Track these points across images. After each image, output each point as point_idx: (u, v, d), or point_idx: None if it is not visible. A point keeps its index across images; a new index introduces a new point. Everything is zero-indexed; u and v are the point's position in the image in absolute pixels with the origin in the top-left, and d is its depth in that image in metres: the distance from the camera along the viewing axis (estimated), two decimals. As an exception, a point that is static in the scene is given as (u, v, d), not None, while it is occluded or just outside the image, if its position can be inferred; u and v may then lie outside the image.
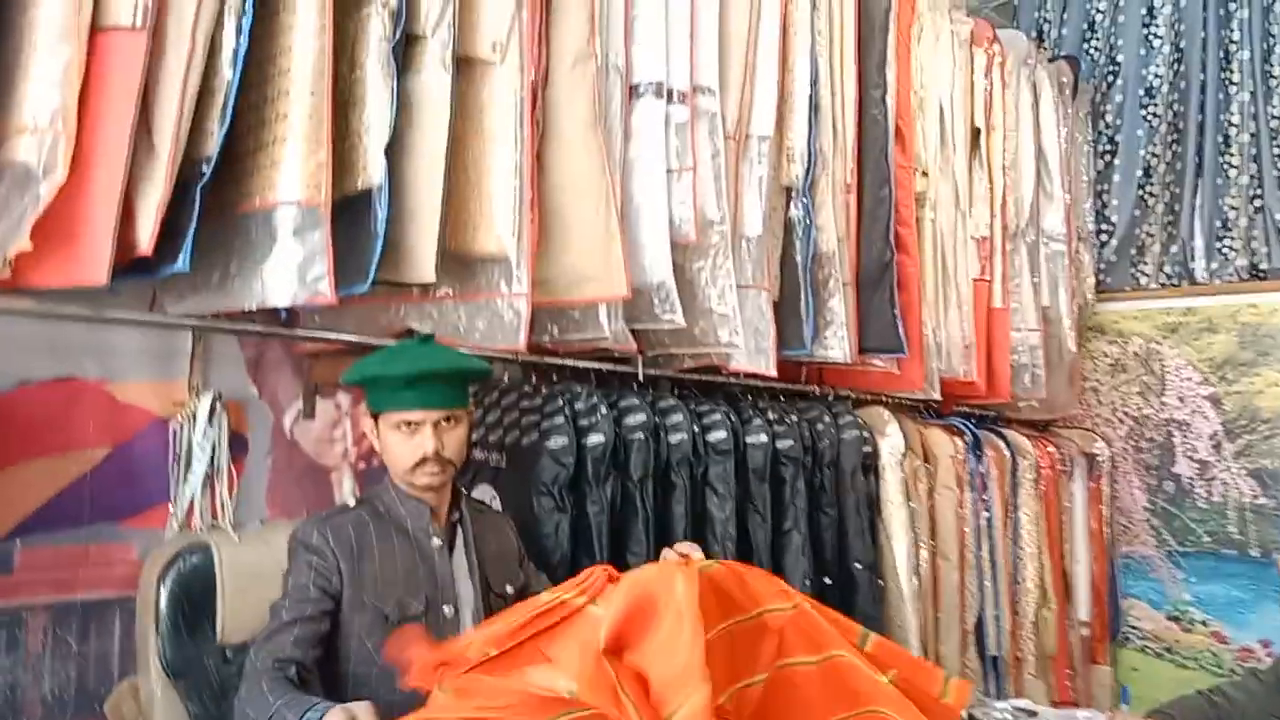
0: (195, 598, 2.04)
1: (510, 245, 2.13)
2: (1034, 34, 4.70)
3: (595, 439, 2.29)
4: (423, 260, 2.00)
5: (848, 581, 2.92)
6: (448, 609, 1.83)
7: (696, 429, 2.55)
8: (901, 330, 3.09)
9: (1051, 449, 3.94)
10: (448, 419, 1.85)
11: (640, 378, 2.71)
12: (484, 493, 2.39)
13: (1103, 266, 4.43)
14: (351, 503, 1.93)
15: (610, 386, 2.60)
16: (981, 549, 3.45)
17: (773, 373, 2.75)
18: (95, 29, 1.59)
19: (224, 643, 2.04)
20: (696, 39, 2.58)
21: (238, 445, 2.32)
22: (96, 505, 2.12)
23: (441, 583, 1.84)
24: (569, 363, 2.59)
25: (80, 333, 2.10)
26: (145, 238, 1.63)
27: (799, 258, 2.87)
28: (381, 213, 1.91)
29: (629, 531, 2.34)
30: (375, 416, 1.89)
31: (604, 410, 2.32)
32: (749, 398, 2.98)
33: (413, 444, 1.83)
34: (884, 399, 3.42)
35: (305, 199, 1.81)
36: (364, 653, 1.78)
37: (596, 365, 2.63)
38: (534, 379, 2.51)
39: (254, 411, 2.38)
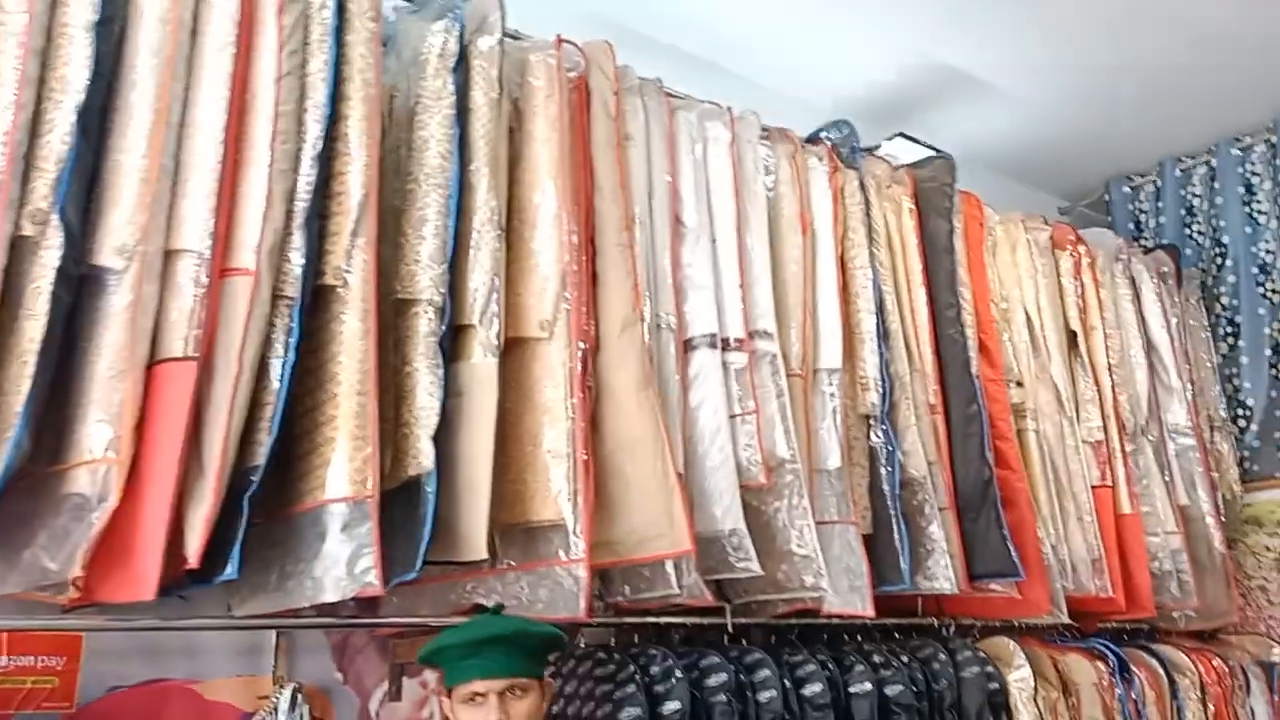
0: None
1: (566, 510, 2.14)
2: (1131, 226, 4.61)
3: (671, 706, 2.20)
4: (474, 537, 2.03)
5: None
6: None
7: (789, 683, 2.41)
8: (1014, 551, 2.91)
9: (1217, 661, 3.55)
10: (513, 689, 1.82)
11: (730, 629, 2.62)
12: (571, 768, 2.30)
13: (1246, 454, 4.11)
14: None
15: (698, 643, 2.51)
16: (1144, 782, 3.08)
17: (869, 613, 2.61)
18: (151, 362, 1.74)
19: None
20: (749, 287, 2.64)
21: (324, 734, 2.34)
22: (184, 804, 2.14)
23: None
24: (653, 620, 2.53)
25: (169, 637, 2.19)
26: (193, 551, 1.71)
27: (886, 486, 2.78)
28: (430, 498, 1.96)
29: (718, 803, 2.20)
30: (449, 692, 1.87)
31: (679, 674, 2.23)
32: (856, 639, 2.82)
33: (480, 715, 1.80)
34: (1014, 626, 3.18)
35: (353, 494, 1.88)
36: None
37: (682, 620, 2.56)
38: (613, 642, 2.46)
39: (339, 698, 2.40)
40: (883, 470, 2.79)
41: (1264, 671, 3.77)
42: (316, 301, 2.01)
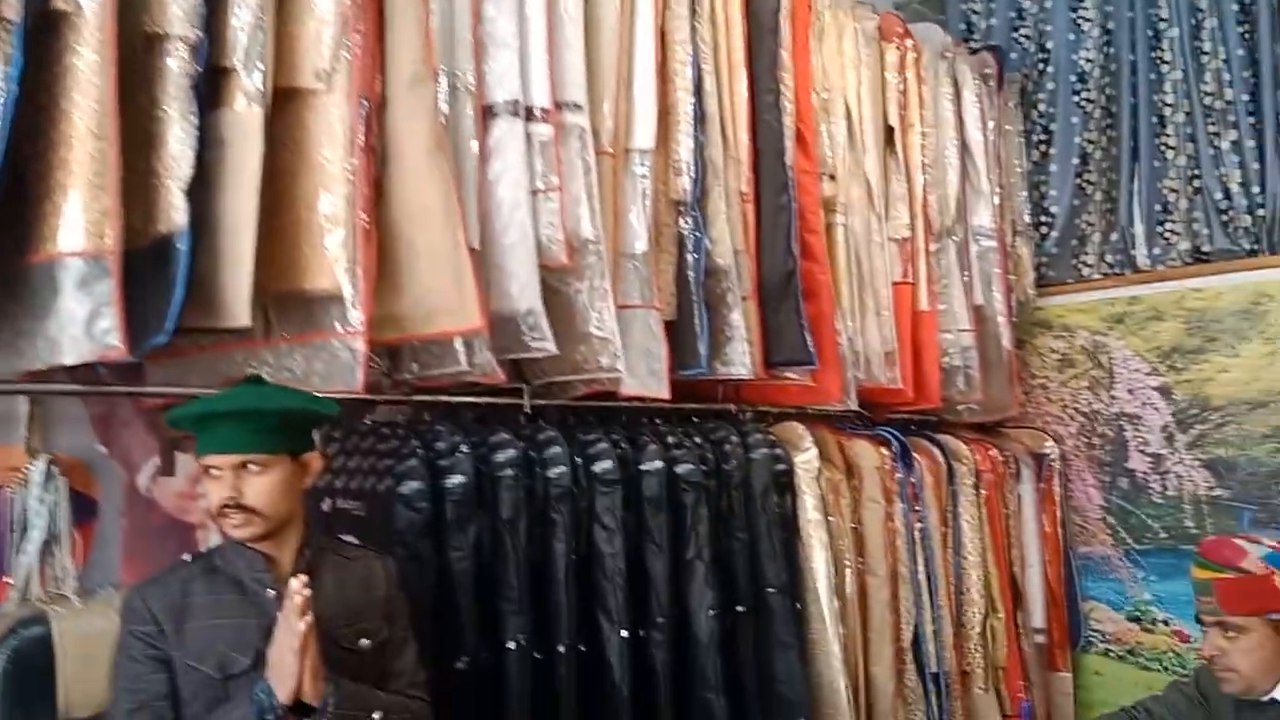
0: (32, 672, 1.93)
1: (344, 280, 2.01)
2: (962, 26, 4.57)
3: (455, 480, 2.17)
4: (236, 303, 1.89)
5: (762, 608, 2.78)
6: None
7: (579, 460, 2.42)
8: (810, 341, 2.96)
9: (994, 451, 3.79)
10: (247, 464, 1.73)
11: (527, 410, 2.59)
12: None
13: (1044, 260, 4.27)
14: (188, 558, 1.82)
15: (494, 424, 2.48)
16: (916, 561, 3.31)
17: (665, 395, 2.63)
18: None
19: (68, 718, 1.94)
20: (557, 55, 2.46)
21: (85, 508, 2.22)
22: (-76, 578, 2.00)
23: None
24: (446, 399, 2.47)
25: None
26: (-105, 300, 1.52)
27: (691, 273, 2.75)
28: (183, 256, 1.79)
29: (500, 578, 2.21)
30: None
31: (464, 449, 2.19)
32: (654, 423, 2.85)
33: (215, 489, 1.74)
34: (807, 413, 3.28)
35: (89, 248, 1.71)
36: (193, 712, 1.68)
37: (476, 399, 2.51)
38: (402, 420, 2.40)
39: (103, 472, 2.27)
40: (689, 257, 2.75)
41: (1035, 462, 4.08)
42: (46, 30, 1.75)
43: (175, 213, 1.81)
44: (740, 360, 2.83)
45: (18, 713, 1.93)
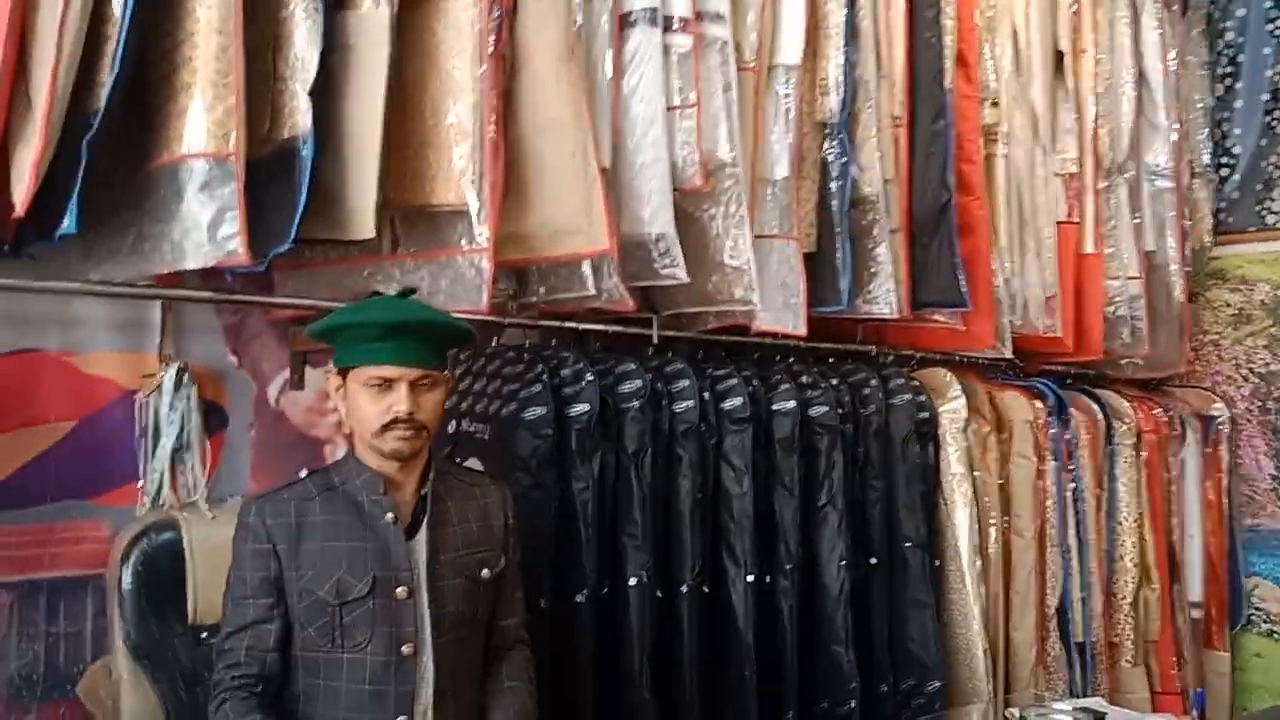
0: (163, 578, 1.94)
1: (470, 195, 1.92)
2: (1143, -55, 4.17)
3: (580, 408, 2.07)
4: (362, 214, 1.81)
5: (897, 563, 2.62)
6: (401, 590, 1.64)
7: (708, 396, 2.30)
8: (963, 281, 2.75)
9: (1157, 411, 3.51)
10: (425, 380, 1.66)
11: (655, 340, 2.48)
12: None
13: (1223, 205, 3.91)
14: (304, 474, 1.76)
15: (620, 353, 2.37)
16: (1067, 524, 3.09)
17: (801, 332, 2.47)
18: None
19: (196, 624, 1.95)
20: (700, -42, 2.30)
21: (216, 418, 2.21)
22: (62, 481, 2.02)
23: (395, 562, 1.65)
24: (574, 325, 2.37)
25: (39, 305, 1.99)
26: (20, 198, 1.49)
27: (835, 202, 2.57)
28: (306, 162, 1.72)
29: (623, 511, 2.12)
30: (344, 373, 1.69)
31: (590, 376, 2.09)
32: (788, 361, 2.70)
33: (384, 403, 1.64)
34: (954, 360, 3.07)
35: (213, 149, 1.65)
36: (308, 640, 1.64)
37: (604, 327, 2.40)
38: (528, 344, 2.31)
39: (233, 383, 2.26)
40: (833, 185, 2.57)
41: (1201, 424, 3.76)
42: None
43: (300, 116, 1.74)
44: (885, 298, 2.64)
45: (149, 615, 1.93)
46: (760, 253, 2.44)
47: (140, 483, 2.08)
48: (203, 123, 1.64)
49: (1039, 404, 3.08)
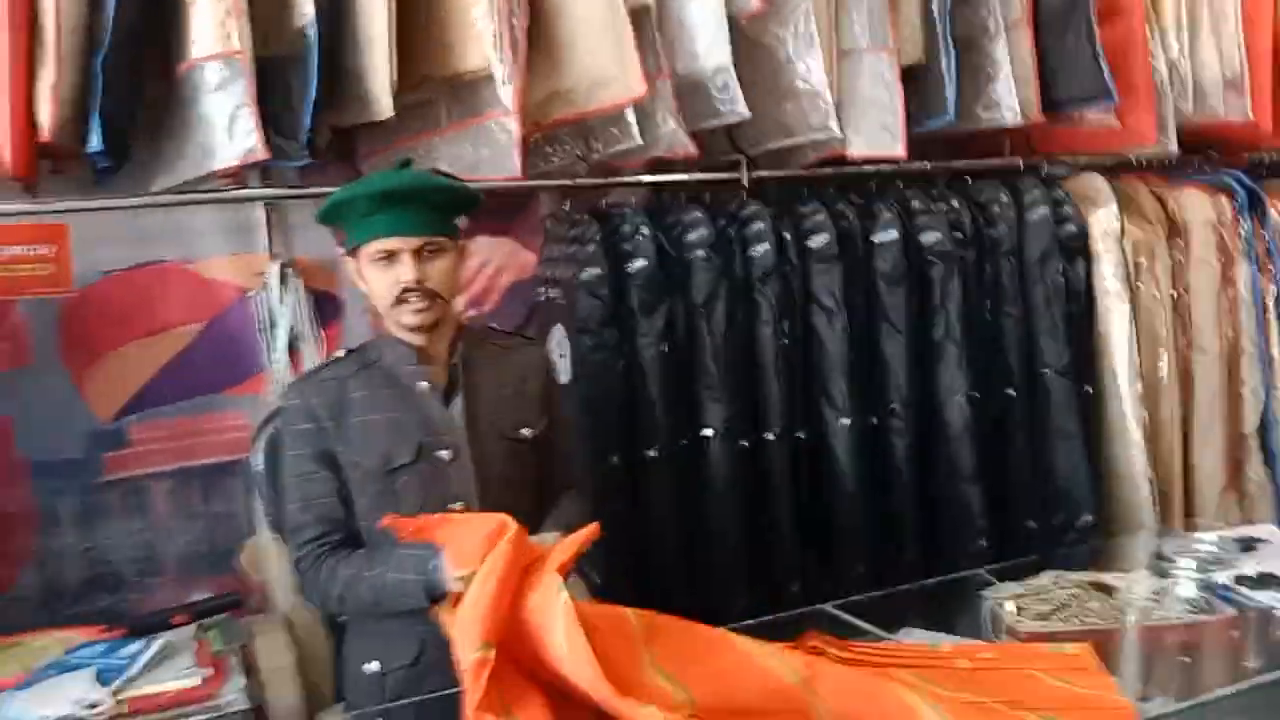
0: (290, 454, 2.12)
1: (492, 56, 1.88)
2: None
3: (638, 264, 2.03)
4: (379, 95, 1.84)
5: (1038, 392, 2.41)
6: (444, 454, 1.69)
7: (789, 236, 2.17)
8: (1106, 70, 2.40)
9: (1400, 196, 2.94)
10: (429, 247, 1.65)
11: (745, 184, 2.36)
12: (557, 334, 2.22)
13: None
14: (342, 354, 1.84)
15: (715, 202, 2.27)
16: (1269, 334, 2.70)
17: (899, 153, 2.27)
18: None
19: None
20: None
21: (330, 306, 2.34)
22: (198, 379, 2.24)
23: (436, 427, 1.70)
24: (650, 180, 2.29)
25: (156, 222, 2.16)
26: (45, 123, 1.62)
27: (934, 2, 2.29)
28: (314, 51, 1.75)
29: (696, 364, 2.07)
30: (354, 253, 1.70)
31: (645, 231, 2.03)
32: (902, 187, 2.47)
33: (391, 275, 1.65)
34: (1133, 163, 2.71)
35: (221, 50, 1.71)
36: (363, 511, 1.72)
37: (685, 177, 2.30)
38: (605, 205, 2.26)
39: (343, 271, 2.37)
40: (931, -21, 2.29)
41: None
42: None
43: (304, 5, 1.77)
44: (1007, 102, 2.36)
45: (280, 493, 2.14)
46: (847, 71, 2.25)
47: (265, 372, 2.25)
48: (208, 25, 1.71)
49: (1225, 200, 2.67)
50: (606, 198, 2.39)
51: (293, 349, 2.26)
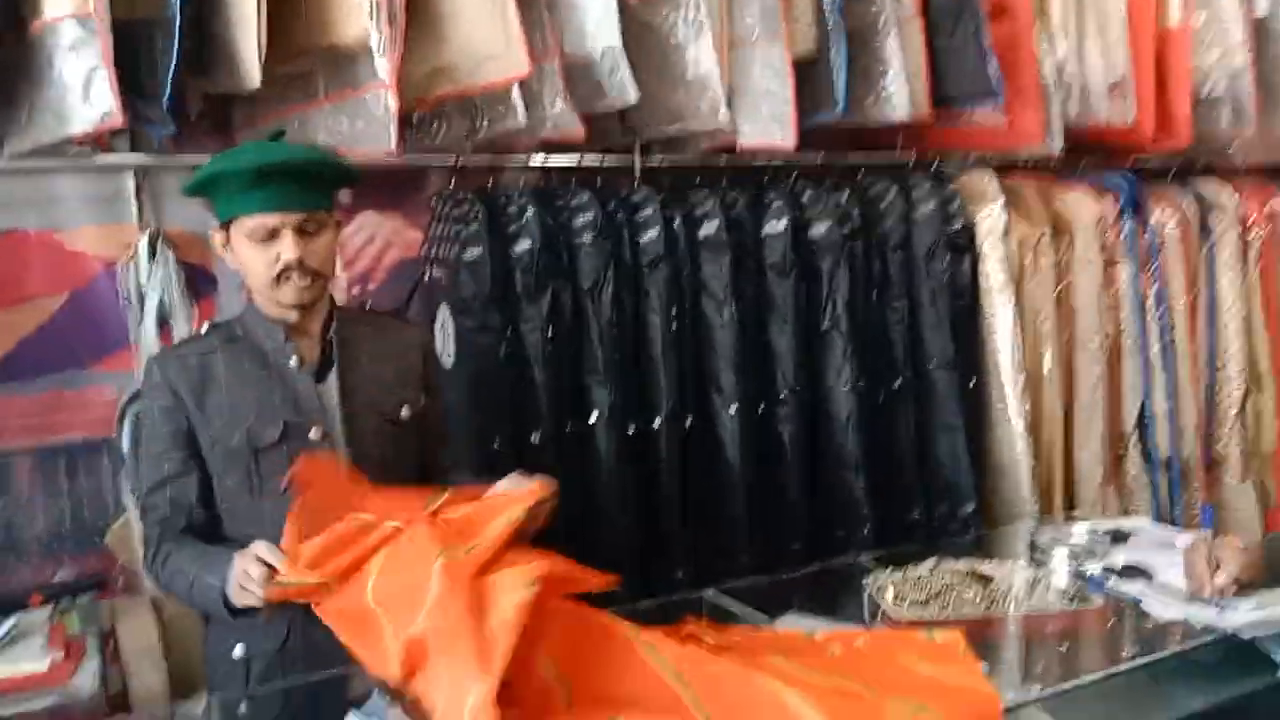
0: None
1: (370, 27, 1.82)
2: None
3: (522, 245, 1.99)
4: (248, 65, 1.76)
5: (924, 384, 2.44)
6: (314, 433, 1.63)
7: (678, 223, 2.15)
8: (993, 69, 2.43)
9: (1277, 200, 3.06)
10: (310, 224, 1.59)
11: (637, 171, 2.34)
12: (442, 314, 2.17)
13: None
14: (206, 329, 1.76)
15: (606, 189, 2.24)
16: (1148, 331, 2.78)
17: (789, 145, 2.26)
18: None
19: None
20: None
21: (204, 281, 2.25)
22: (61, 352, 2.14)
23: (305, 407, 1.64)
24: (538, 165, 2.26)
25: (19, 187, 2.05)
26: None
27: (827, -8, 2.30)
28: (175, 16, 1.68)
29: (582, 350, 2.04)
30: (225, 227, 1.62)
31: (531, 212, 1.99)
32: (793, 180, 2.48)
33: (271, 253, 1.57)
34: (1019, 163, 2.77)
35: (76, 10, 1.63)
36: (228, 490, 1.66)
37: (570, 163, 2.27)
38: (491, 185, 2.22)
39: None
40: (824, -27, 2.30)
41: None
42: None
43: (168, -34, 1.69)
44: (898, 98, 2.38)
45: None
46: (739, 60, 2.25)
47: (133, 347, 2.16)
48: (64, -17, 1.62)
49: (1109, 201, 2.74)
50: (499, 178, 2.36)
51: (164, 324, 2.18)
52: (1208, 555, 1.62)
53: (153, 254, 2.14)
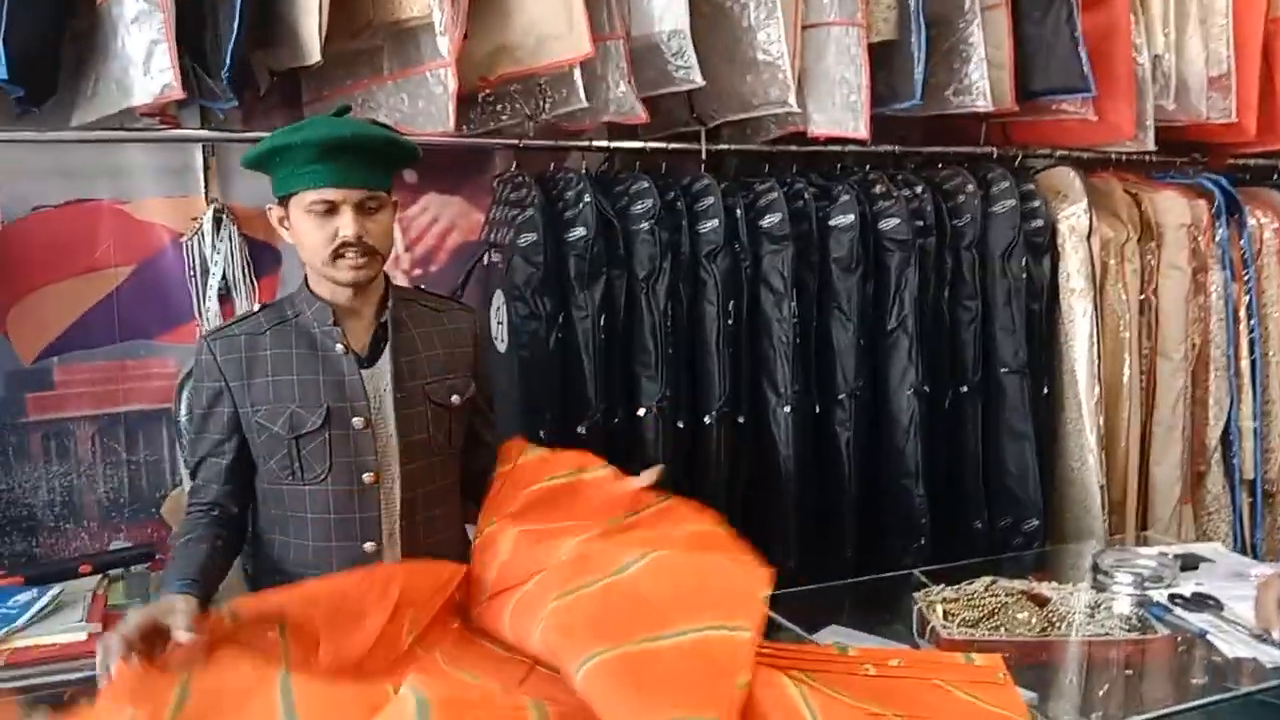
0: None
1: (433, 4, 1.79)
2: None
3: (577, 232, 1.95)
4: (308, 39, 1.75)
5: (993, 389, 2.34)
6: (358, 421, 1.61)
7: (740, 213, 2.09)
8: (1084, 60, 2.31)
9: (1391, 207, 2.86)
10: (371, 201, 1.57)
11: (703, 155, 2.28)
12: (497, 299, 2.14)
13: None
14: (258, 307, 1.76)
15: (667, 176, 2.19)
16: (1239, 344, 2.63)
17: (861, 134, 2.18)
18: None
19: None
20: None
21: (269, 256, 2.26)
22: (126, 322, 2.17)
23: (350, 393, 1.62)
24: (602, 145, 2.21)
25: (92, 158, 2.07)
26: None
27: (908, -24, 2.21)
28: (238, -9, 1.67)
29: (634, 340, 1.99)
30: (284, 202, 1.60)
31: (587, 198, 1.95)
32: (864, 170, 2.39)
33: (330, 229, 1.56)
34: (1112, 158, 2.64)
35: (142, -19, 1.62)
36: (270, 473, 1.66)
37: (642, 145, 2.22)
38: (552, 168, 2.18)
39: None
40: (906, -45, 2.20)
41: None
42: None
43: (230, -63, 1.68)
44: (979, 87, 2.27)
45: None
46: (813, 44, 2.17)
47: (196, 320, 2.19)
48: (128, -44, 1.63)
49: (1202, 204, 2.59)
50: (563, 161, 2.32)
51: (226, 298, 2.19)
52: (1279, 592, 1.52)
53: (218, 228, 2.15)
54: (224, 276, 2.18)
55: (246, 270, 2.21)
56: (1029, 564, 2.12)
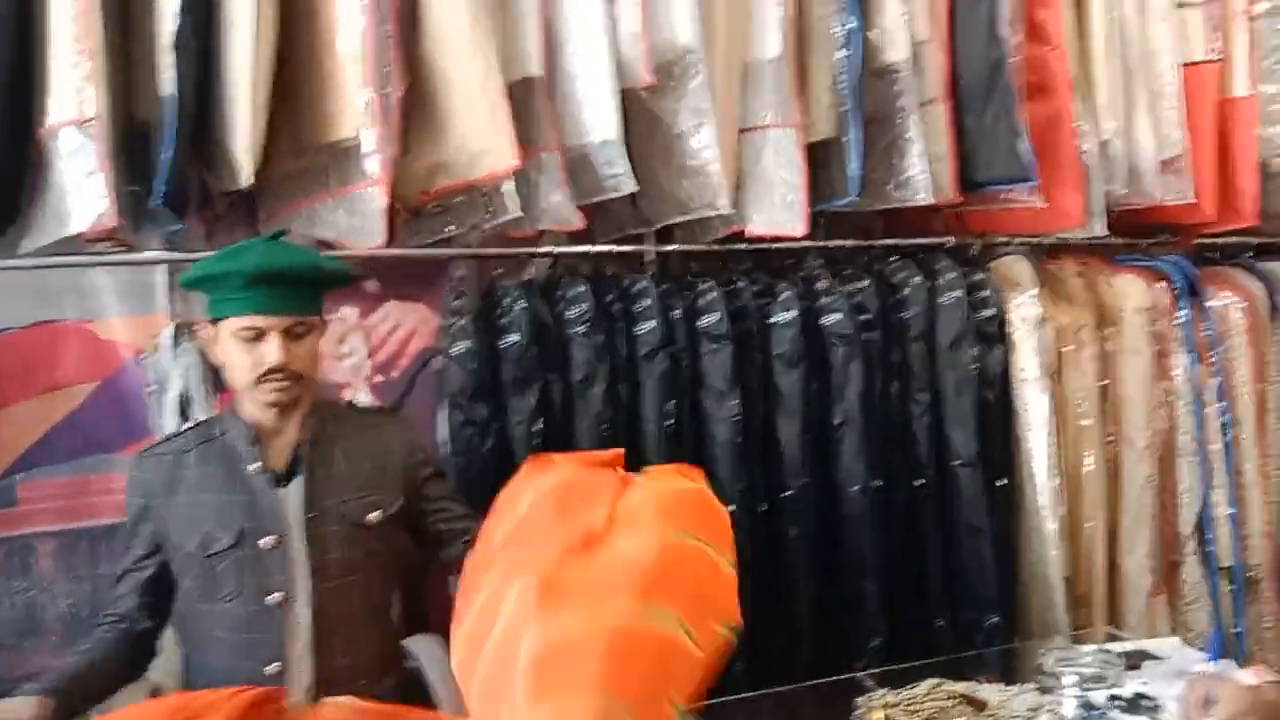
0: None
1: (364, 124, 1.85)
2: None
3: (510, 339, 1.98)
4: (243, 164, 1.81)
5: (948, 484, 2.31)
6: (266, 541, 1.64)
7: (679, 313, 2.11)
8: (1025, 150, 2.32)
9: (1362, 284, 2.83)
10: (298, 327, 1.64)
11: (645, 259, 2.32)
12: (445, 406, 2.16)
13: None
14: (189, 426, 1.81)
15: (604, 279, 2.22)
16: (1207, 429, 2.59)
17: (799, 232, 2.20)
18: None
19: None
20: None
21: (228, 370, 2.32)
22: (89, 438, 2.22)
23: (260, 513, 1.65)
24: (545, 251, 2.25)
25: (59, 277, 2.15)
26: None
27: (843, 77, 2.24)
28: (172, 120, 1.74)
29: (573, 444, 2.00)
30: (215, 324, 1.67)
31: (521, 304, 1.98)
32: (800, 264, 2.40)
33: (256, 355, 1.62)
34: (1070, 244, 2.64)
35: (76, 116, 1.71)
36: (187, 592, 1.69)
37: (583, 249, 2.26)
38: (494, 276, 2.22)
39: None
40: (839, 56, 2.24)
41: None
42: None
43: (165, 74, 1.75)
44: (919, 181, 2.29)
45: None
46: (751, 146, 2.22)
47: (155, 435, 2.23)
48: (65, 91, 1.71)
49: (1161, 287, 2.57)
50: (531, 267, 2.36)
51: (185, 413, 2.24)
52: (1205, 692, 1.45)
53: (176, 344, 2.20)
54: (183, 391, 2.23)
55: (204, 386, 2.25)
56: (986, 663, 2.09)
